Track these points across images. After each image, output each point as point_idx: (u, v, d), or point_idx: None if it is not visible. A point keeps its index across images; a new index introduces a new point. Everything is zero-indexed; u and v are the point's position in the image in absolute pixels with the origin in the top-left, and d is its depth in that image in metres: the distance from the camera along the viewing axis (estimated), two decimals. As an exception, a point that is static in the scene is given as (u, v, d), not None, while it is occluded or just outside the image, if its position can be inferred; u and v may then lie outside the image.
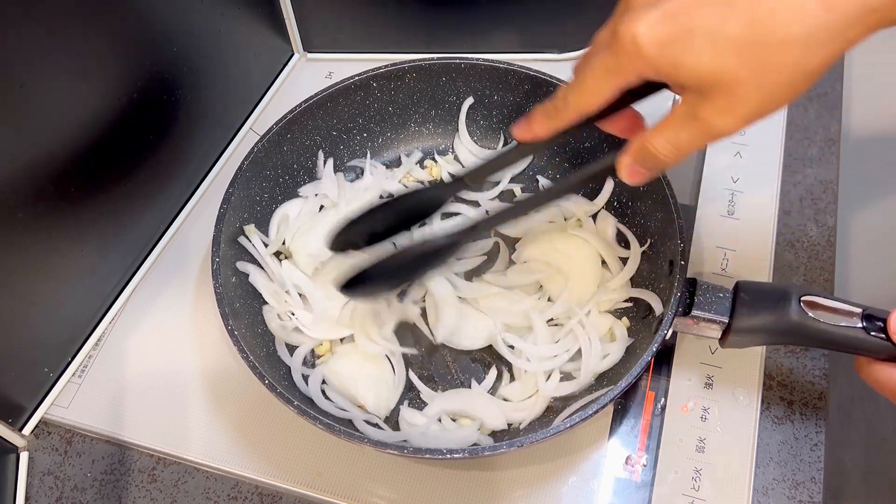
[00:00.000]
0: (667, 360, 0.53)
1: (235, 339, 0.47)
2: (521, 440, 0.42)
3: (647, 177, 0.37)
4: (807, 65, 0.30)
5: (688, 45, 0.30)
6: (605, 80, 0.34)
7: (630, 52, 0.31)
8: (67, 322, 0.55)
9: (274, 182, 0.59)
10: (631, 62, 0.32)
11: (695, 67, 0.31)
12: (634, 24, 0.31)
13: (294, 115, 0.58)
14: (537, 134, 0.39)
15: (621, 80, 0.33)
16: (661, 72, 0.32)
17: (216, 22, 0.62)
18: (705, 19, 0.30)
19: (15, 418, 0.53)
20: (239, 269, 0.55)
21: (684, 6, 0.30)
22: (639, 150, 0.35)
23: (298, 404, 0.44)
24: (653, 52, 0.31)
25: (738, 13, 0.29)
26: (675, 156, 0.34)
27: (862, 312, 0.42)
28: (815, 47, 0.29)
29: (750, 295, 0.46)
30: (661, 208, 0.52)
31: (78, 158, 0.50)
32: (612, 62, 0.33)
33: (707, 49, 0.30)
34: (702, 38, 0.30)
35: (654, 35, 0.31)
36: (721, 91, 0.31)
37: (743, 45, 0.29)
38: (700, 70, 0.31)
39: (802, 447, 0.50)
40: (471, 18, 0.69)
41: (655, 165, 0.36)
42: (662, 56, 0.31)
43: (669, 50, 0.31)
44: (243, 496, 0.51)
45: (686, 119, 0.33)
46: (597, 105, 0.36)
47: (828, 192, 0.62)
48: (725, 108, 0.31)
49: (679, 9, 0.30)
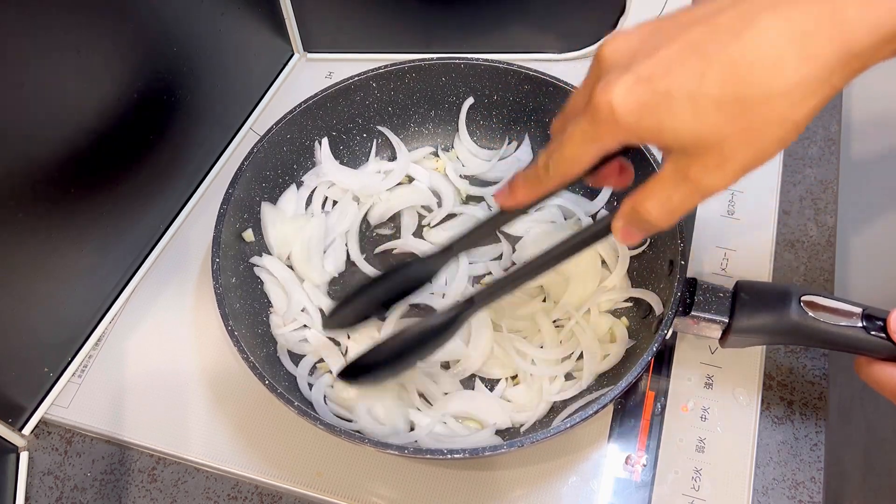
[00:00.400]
0: (667, 360, 0.53)
1: (235, 339, 0.47)
2: (522, 440, 0.42)
3: (642, 237, 0.37)
4: (793, 116, 0.29)
5: (667, 109, 0.29)
6: (585, 149, 0.33)
7: (608, 120, 0.31)
8: (67, 322, 0.55)
9: (274, 182, 0.59)
10: (609, 130, 0.31)
11: (677, 130, 0.30)
12: (610, 90, 0.30)
13: (294, 115, 0.58)
14: (520, 202, 0.39)
15: (601, 147, 0.33)
16: (643, 137, 0.31)
17: (216, 22, 0.62)
18: (683, 80, 0.29)
19: (15, 418, 0.53)
20: (241, 271, 0.55)
21: (659, 67, 0.29)
22: (631, 214, 0.35)
23: (298, 405, 0.44)
24: (631, 119, 0.30)
25: (715, 70, 0.28)
26: (668, 218, 0.33)
27: (862, 312, 0.42)
28: (798, 99, 0.28)
29: (750, 295, 0.46)
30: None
31: (78, 158, 0.50)
32: (591, 131, 0.32)
33: (688, 111, 0.29)
34: (681, 100, 0.29)
35: (631, 102, 0.30)
36: (708, 150, 0.30)
37: (725, 103, 0.28)
38: (683, 132, 0.30)
39: (802, 447, 0.50)
40: (471, 18, 0.69)
41: (649, 228, 0.34)
42: (642, 122, 0.30)
43: (649, 115, 0.30)
44: (243, 496, 0.51)
45: (675, 180, 0.32)
46: (578, 172, 0.35)
47: (828, 192, 0.62)
48: (715, 167, 0.30)
49: (654, 71, 0.30)
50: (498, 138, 0.65)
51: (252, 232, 0.57)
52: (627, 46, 0.32)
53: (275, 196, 0.60)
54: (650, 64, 0.30)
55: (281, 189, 0.60)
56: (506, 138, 0.65)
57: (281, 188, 0.60)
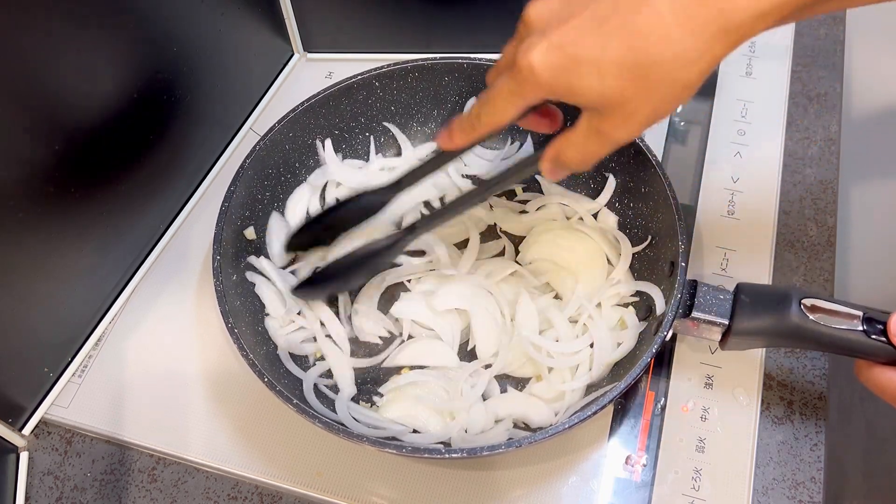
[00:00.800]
0: (667, 360, 0.53)
1: (235, 336, 0.47)
2: (521, 440, 0.42)
3: (564, 176, 0.43)
4: (683, 78, 0.33)
5: (577, 72, 0.34)
6: (510, 102, 0.38)
7: (528, 80, 0.35)
8: (67, 322, 0.55)
9: (276, 181, 0.59)
10: (530, 87, 0.36)
11: (586, 91, 0.34)
12: (530, 53, 0.35)
13: (296, 114, 0.58)
14: (457, 144, 0.44)
15: (524, 101, 0.38)
16: (559, 95, 0.35)
17: (216, 22, 0.62)
18: (588, 48, 0.33)
19: (15, 418, 0.53)
20: (242, 269, 0.55)
21: (568, 37, 0.34)
22: (554, 159, 0.40)
23: (297, 403, 0.44)
24: (547, 79, 0.35)
25: (615, 41, 0.33)
26: (585, 164, 0.39)
27: (862, 315, 0.42)
28: (686, 64, 0.33)
29: (750, 297, 0.46)
30: (663, 209, 0.52)
31: (78, 158, 0.50)
32: (514, 86, 0.37)
33: (594, 75, 0.34)
34: (587, 65, 0.34)
35: (546, 64, 0.34)
36: (614, 108, 0.35)
37: (624, 68, 0.33)
38: (591, 93, 0.34)
39: (802, 447, 0.50)
40: (470, 18, 0.69)
41: (569, 169, 0.41)
42: (556, 82, 0.35)
43: (562, 76, 0.34)
44: (243, 496, 0.51)
45: (588, 133, 0.37)
46: (505, 122, 0.40)
47: (828, 192, 0.62)
48: (622, 122, 0.35)
49: (564, 39, 0.34)
50: (500, 138, 0.65)
51: (254, 230, 0.57)
52: (548, 10, 0.36)
53: (277, 195, 0.60)
54: (563, 31, 0.34)
55: (282, 188, 0.60)
56: (508, 138, 0.65)
57: (283, 186, 0.60)
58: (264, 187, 0.58)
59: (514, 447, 0.42)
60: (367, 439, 0.43)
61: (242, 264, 0.56)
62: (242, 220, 0.56)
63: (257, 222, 0.58)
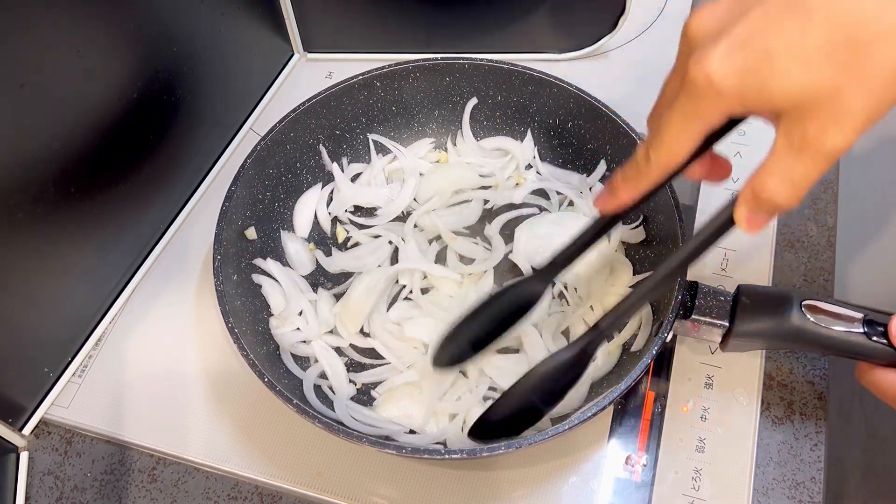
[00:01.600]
0: (667, 360, 0.53)
1: (235, 336, 0.47)
2: (520, 441, 0.42)
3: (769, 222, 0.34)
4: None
5: (770, 68, 0.28)
6: (687, 129, 0.31)
7: (707, 93, 0.29)
8: (67, 322, 0.55)
9: (276, 180, 0.59)
10: (711, 103, 0.30)
11: (786, 88, 0.28)
12: (705, 61, 0.29)
13: (297, 114, 0.58)
14: (623, 202, 0.37)
15: (704, 124, 0.31)
16: (748, 103, 0.29)
17: (216, 22, 0.62)
18: (782, 36, 0.27)
19: (15, 418, 0.53)
20: (242, 269, 0.55)
21: (755, 28, 0.28)
22: (753, 199, 0.32)
23: (297, 403, 0.44)
24: (733, 85, 0.29)
25: (819, 19, 0.27)
26: (795, 194, 0.30)
27: (863, 317, 0.42)
28: None
29: (751, 299, 0.46)
30: (664, 211, 0.52)
31: (78, 158, 0.50)
32: (691, 108, 0.30)
33: (795, 65, 0.27)
34: (784, 55, 0.27)
35: (730, 68, 0.28)
36: (822, 105, 0.28)
37: (834, 49, 0.27)
38: (792, 89, 0.28)
39: (802, 447, 0.50)
40: (470, 18, 0.69)
41: (776, 209, 0.32)
42: (746, 87, 0.28)
43: (752, 78, 0.28)
44: (243, 496, 0.51)
45: (793, 149, 0.29)
46: (682, 157, 0.33)
47: (828, 192, 0.62)
48: (833, 122, 0.28)
49: (749, 32, 0.28)
50: (500, 138, 0.65)
51: (254, 230, 0.57)
52: (714, 17, 0.30)
53: (278, 195, 0.60)
54: (743, 26, 0.28)
55: (283, 188, 0.60)
56: (509, 139, 0.65)
57: (283, 186, 0.60)
58: (265, 187, 0.58)
59: (514, 448, 0.42)
60: (366, 439, 0.43)
61: (243, 264, 0.55)
62: (243, 220, 0.56)
63: (258, 222, 0.58)
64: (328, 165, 0.62)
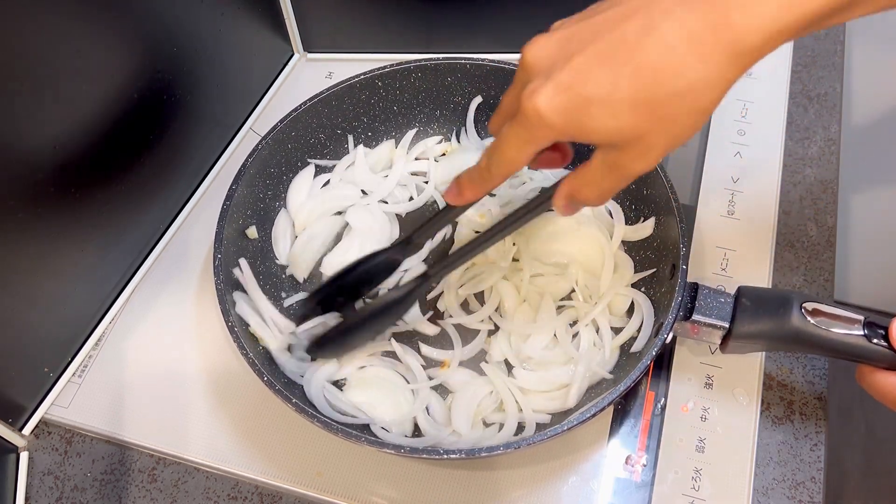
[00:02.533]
0: (667, 360, 0.53)
1: (235, 335, 0.47)
2: (519, 441, 0.42)
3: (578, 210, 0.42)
4: (699, 106, 0.32)
5: (587, 113, 0.33)
6: (520, 150, 0.37)
7: (537, 124, 0.34)
8: (67, 322, 0.55)
9: (277, 180, 0.59)
10: (541, 132, 0.35)
11: (600, 130, 0.33)
12: (536, 98, 0.34)
13: (298, 113, 0.58)
14: (468, 199, 0.43)
15: (535, 147, 0.36)
16: (571, 136, 0.35)
17: (216, 22, 0.62)
18: (598, 87, 0.32)
19: (15, 418, 0.53)
20: (238, 271, 0.55)
21: (576, 76, 0.33)
22: (569, 197, 0.39)
23: (297, 402, 0.44)
24: (558, 122, 0.34)
25: (626, 76, 0.32)
26: (601, 200, 0.38)
27: (864, 320, 0.42)
28: (700, 92, 0.32)
29: (751, 301, 0.46)
30: (664, 212, 0.52)
31: (78, 158, 0.50)
32: (524, 133, 0.36)
33: (606, 113, 0.33)
34: (598, 104, 0.33)
35: (555, 108, 0.33)
36: (630, 144, 0.34)
37: (638, 104, 0.32)
38: (605, 132, 0.33)
39: (802, 447, 0.50)
40: (470, 18, 0.69)
41: (585, 205, 0.40)
42: (568, 124, 0.34)
43: (572, 119, 0.33)
44: (243, 496, 0.51)
45: (604, 170, 0.36)
46: (517, 169, 0.39)
47: (828, 192, 0.62)
48: (639, 156, 0.34)
49: (571, 79, 0.33)
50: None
51: (255, 229, 0.57)
52: (546, 53, 0.35)
53: (279, 194, 0.60)
54: (568, 72, 0.33)
55: (284, 187, 0.60)
56: None
57: (284, 185, 0.60)
58: (266, 186, 0.58)
59: (514, 448, 0.42)
60: (366, 439, 0.43)
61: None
62: (244, 219, 0.56)
63: (259, 221, 0.58)
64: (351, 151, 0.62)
